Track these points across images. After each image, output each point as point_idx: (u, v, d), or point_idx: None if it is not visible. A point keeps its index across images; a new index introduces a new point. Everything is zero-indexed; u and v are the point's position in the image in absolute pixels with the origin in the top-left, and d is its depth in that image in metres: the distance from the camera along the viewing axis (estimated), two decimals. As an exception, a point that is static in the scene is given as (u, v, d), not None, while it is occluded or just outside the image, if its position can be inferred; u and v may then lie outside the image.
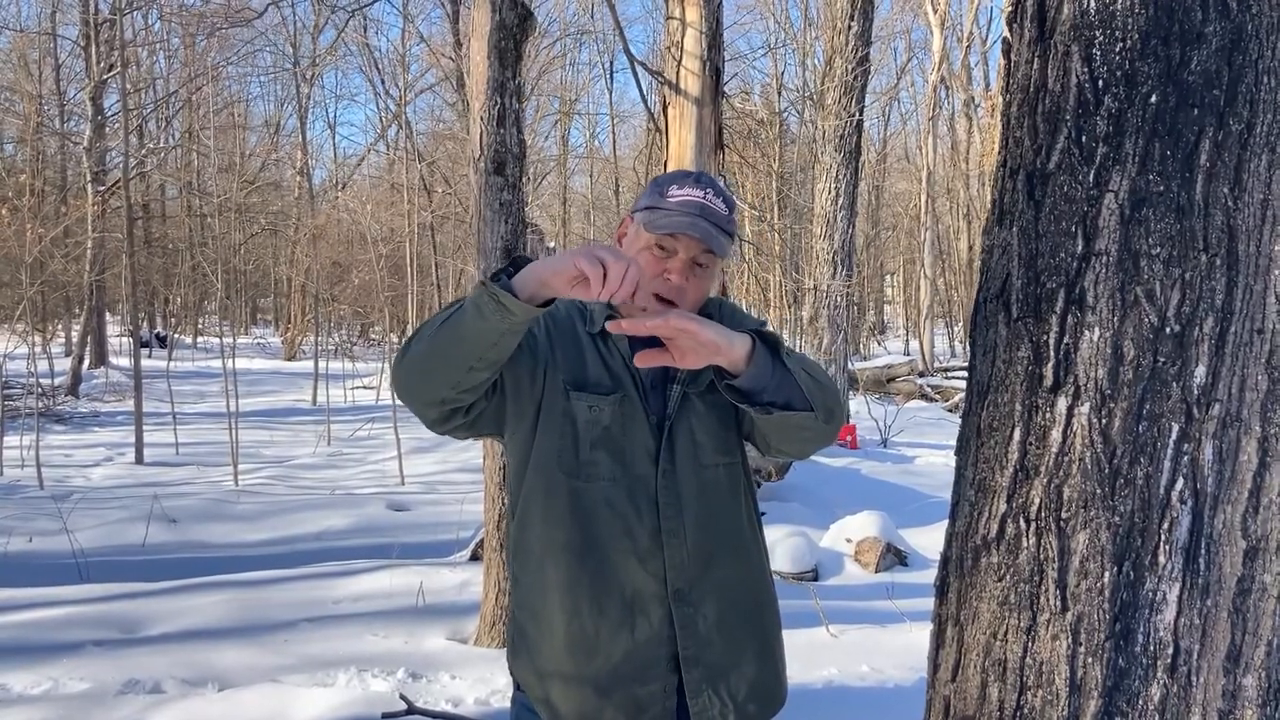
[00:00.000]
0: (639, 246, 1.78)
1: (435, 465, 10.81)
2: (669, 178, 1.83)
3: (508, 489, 1.89)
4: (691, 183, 1.81)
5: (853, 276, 12.66)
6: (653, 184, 1.86)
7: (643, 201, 1.82)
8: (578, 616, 1.76)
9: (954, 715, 1.45)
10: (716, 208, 1.79)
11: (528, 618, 1.83)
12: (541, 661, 1.80)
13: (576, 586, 1.76)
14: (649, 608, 1.77)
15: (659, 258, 1.76)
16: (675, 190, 1.79)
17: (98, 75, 17.53)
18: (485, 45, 4.85)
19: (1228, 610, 1.27)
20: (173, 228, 30.75)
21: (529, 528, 1.80)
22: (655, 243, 1.76)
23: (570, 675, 1.78)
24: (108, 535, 7.44)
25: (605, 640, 1.76)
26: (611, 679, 1.76)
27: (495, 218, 4.92)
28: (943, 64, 24.65)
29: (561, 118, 35.32)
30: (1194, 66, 1.26)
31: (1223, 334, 1.26)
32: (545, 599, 1.79)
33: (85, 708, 4.04)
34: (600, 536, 1.76)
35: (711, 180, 1.86)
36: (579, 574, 1.76)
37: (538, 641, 1.80)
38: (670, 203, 1.77)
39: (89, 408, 15.31)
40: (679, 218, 1.74)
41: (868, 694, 4.29)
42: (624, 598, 1.77)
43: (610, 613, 1.76)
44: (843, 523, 6.76)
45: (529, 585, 1.81)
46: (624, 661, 1.76)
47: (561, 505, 1.77)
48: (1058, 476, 1.33)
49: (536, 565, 1.80)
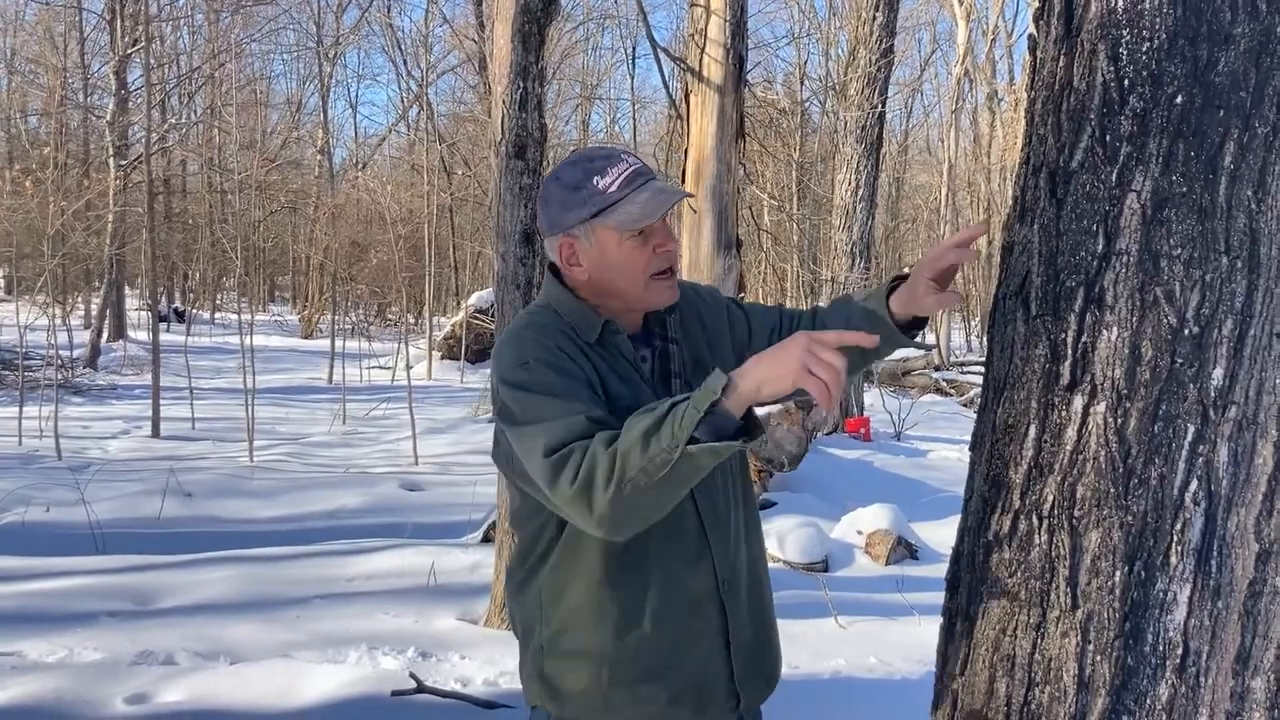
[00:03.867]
0: (617, 253, 1.72)
1: (449, 446, 10.85)
2: (576, 175, 1.73)
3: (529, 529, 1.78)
4: (606, 163, 1.73)
5: (871, 269, 12.62)
6: (564, 189, 1.74)
7: (576, 213, 1.71)
8: (645, 637, 1.72)
9: (962, 709, 1.45)
10: (641, 163, 1.75)
11: (577, 651, 1.74)
12: (602, 691, 1.73)
13: (638, 609, 1.72)
14: (705, 607, 1.78)
15: (639, 244, 1.71)
16: (603, 179, 1.70)
17: (122, 50, 17.57)
18: (509, 29, 4.85)
19: (1238, 612, 1.27)
20: (193, 203, 30.87)
21: (577, 560, 1.72)
22: (631, 235, 1.71)
23: (644, 696, 1.73)
24: (124, 507, 7.50)
25: (677, 653, 1.75)
26: (685, 688, 1.75)
27: (515, 201, 4.93)
28: (967, 57, 24.48)
29: (582, 103, 35.27)
30: (1221, 68, 1.26)
31: (1241, 337, 1.26)
32: (600, 629, 1.72)
33: (98, 677, 4.09)
34: (652, 550, 1.72)
35: (606, 149, 1.79)
36: (639, 594, 1.72)
37: (595, 672, 1.73)
38: (616, 191, 1.69)
39: (107, 380, 15.40)
40: (643, 203, 1.69)
41: (875, 686, 4.30)
42: (685, 605, 1.75)
43: (675, 623, 1.74)
44: (854, 515, 6.76)
45: (579, 619, 1.74)
46: (695, 670, 1.76)
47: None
48: (1072, 475, 1.33)
49: (589, 598, 1.72)
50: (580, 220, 1.72)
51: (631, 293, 1.75)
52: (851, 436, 11.16)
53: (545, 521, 1.74)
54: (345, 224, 22.69)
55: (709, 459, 1.43)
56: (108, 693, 3.95)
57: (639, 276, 1.74)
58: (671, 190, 1.74)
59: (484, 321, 16.37)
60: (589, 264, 1.74)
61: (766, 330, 1.99)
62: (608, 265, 1.73)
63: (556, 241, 1.77)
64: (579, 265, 1.76)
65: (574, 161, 1.77)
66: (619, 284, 1.75)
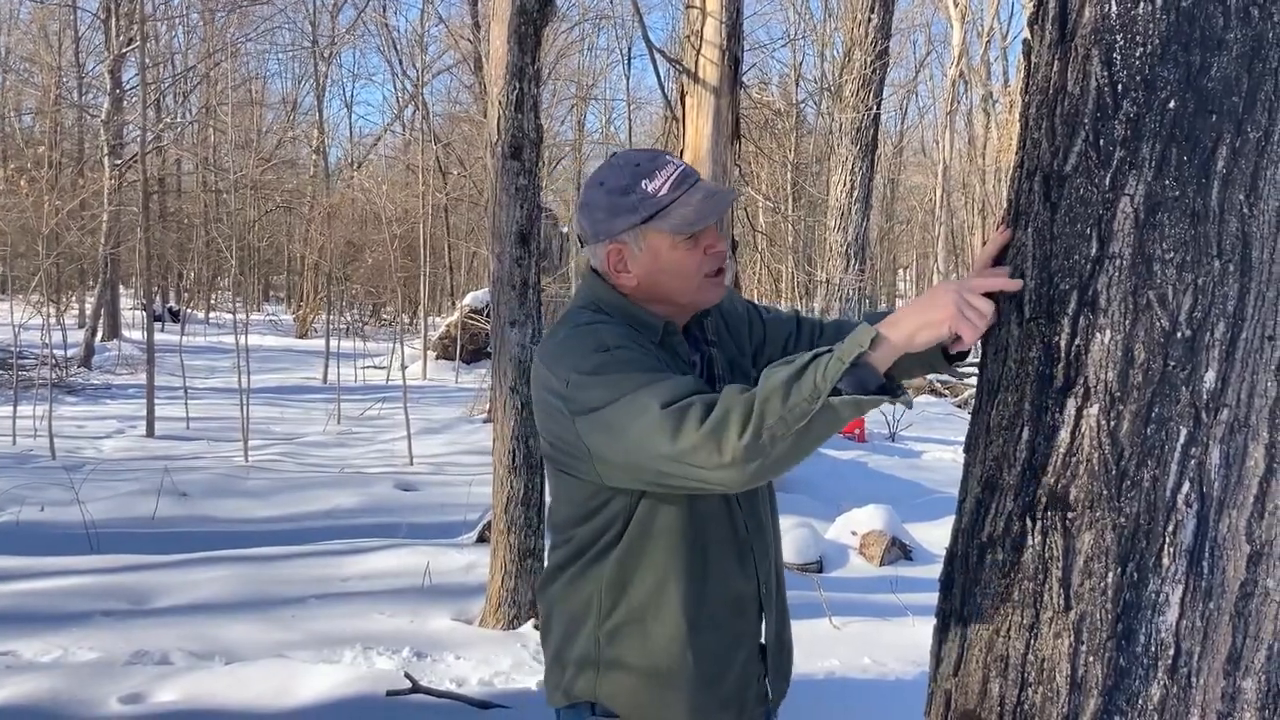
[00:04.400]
0: (669, 257, 1.70)
1: (444, 446, 10.85)
2: (623, 179, 1.72)
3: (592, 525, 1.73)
4: (653, 165, 1.72)
5: (866, 270, 12.64)
6: (610, 195, 1.72)
7: (626, 219, 1.70)
8: (701, 637, 1.71)
9: (955, 709, 1.46)
10: (685, 163, 1.75)
11: (638, 646, 1.71)
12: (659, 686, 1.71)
13: (697, 608, 1.71)
14: (748, 610, 1.79)
15: (691, 246, 1.70)
16: (652, 183, 1.69)
17: (117, 49, 17.55)
18: (505, 30, 4.86)
19: (1229, 614, 1.28)
20: (188, 203, 30.84)
21: (643, 556, 1.70)
22: (683, 239, 1.69)
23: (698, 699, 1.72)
24: (119, 507, 7.50)
25: (727, 654, 1.75)
26: (732, 691, 1.76)
27: (511, 202, 4.94)
28: (962, 59, 24.54)
29: (578, 103, 35.27)
30: (1214, 73, 1.27)
31: (1233, 340, 1.27)
32: (662, 626, 1.70)
33: (93, 677, 4.09)
34: (711, 551, 1.72)
35: (649, 151, 1.79)
36: (699, 593, 1.71)
37: (654, 667, 1.71)
38: (667, 194, 1.68)
39: (101, 380, 15.38)
40: (696, 206, 1.68)
41: (869, 686, 4.31)
42: (734, 607, 1.76)
43: (726, 625, 1.75)
44: (848, 515, 6.78)
45: (641, 615, 1.71)
46: (739, 674, 1.77)
47: (681, 518, 1.69)
48: (1065, 476, 1.34)
49: (653, 595, 1.70)
50: (630, 226, 1.69)
51: (684, 295, 1.74)
52: (846, 437, 11.17)
53: (613, 518, 1.70)
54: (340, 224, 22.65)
55: (850, 412, 1.41)
56: (103, 692, 3.94)
57: (692, 278, 1.73)
58: (724, 192, 1.75)
59: (479, 321, 16.35)
60: (639, 269, 1.72)
61: (782, 337, 1.97)
62: (660, 270, 1.71)
63: (603, 249, 1.74)
64: (627, 271, 1.73)
65: (618, 165, 1.74)
66: (672, 287, 1.73)
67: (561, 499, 1.79)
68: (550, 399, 1.67)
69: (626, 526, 1.70)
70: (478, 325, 16.66)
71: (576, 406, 1.61)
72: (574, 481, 1.72)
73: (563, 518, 1.79)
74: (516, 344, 4.99)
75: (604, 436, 1.58)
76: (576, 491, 1.73)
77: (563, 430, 1.66)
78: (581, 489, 1.71)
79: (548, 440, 1.75)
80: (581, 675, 1.75)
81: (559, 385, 1.64)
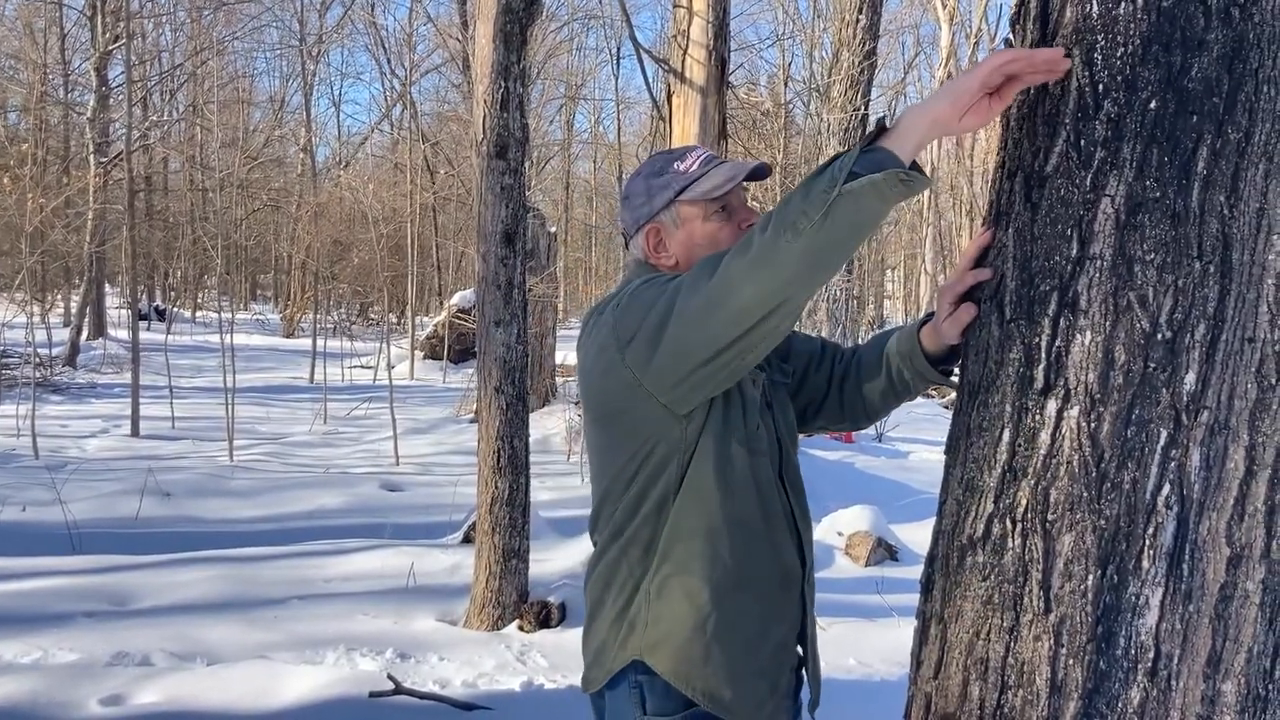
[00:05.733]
0: (702, 229, 1.78)
1: (430, 447, 10.82)
2: (657, 165, 1.83)
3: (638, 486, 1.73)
4: (685, 151, 1.84)
5: (853, 270, 12.65)
6: (645, 180, 1.83)
7: (662, 196, 1.80)
8: (746, 596, 1.72)
9: (935, 712, 1.45)
10: (716, 153, 1.86)
11: (687, 597, 1.71)
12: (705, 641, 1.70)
13: (745, 567, 1.72)
14: (792, 587, 1.80)
15: (723, 220, 1.78)
16: (683, 163, 1.80)
17: (103, 46, 17.46)
18: (491, 29, 4.84)
19: (1209, 616, 1.28)
20: (174, 201, 30.71)
21: (697, 508, 1.70)
22: (714, 211, 1.77)
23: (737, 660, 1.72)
24: (101, 507, 7.45)
25: (767, 622, 1.76)
26: (769, 660, 1.77)
27: (497, 201, 4.92)
28: (950, 60, 24.59)
29: (567, 102, 35.24)
30: (1194, 73, 1.26)
31: (1214, 341, 1.26)
32: (711, 577, 1.70)
33: (74, 678, 4.06)
34: (758, 515, 1.73)
35: (683, 146, 1.94)
36: (748, 552, 1.72)
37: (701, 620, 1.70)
38: (696, 170, 1.79)
39: (86, 379, 15.29)
40: (721, 175, 1.77)
41: (853, 687, 4.31)
42: (780, 576, 1.78)
43: (771, 592, 1.76)
44: (835, 516, 6.78)
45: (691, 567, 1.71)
46: (776, 649, 1.78)
47: (735, 476, 1.70)
48: (1045, 479, 1.33)
49: (705, 546, 1.70)
50: (666, 203, 1.79)
51: None
52: (833, 438, 11.18)
53: (662, 466, 1.70)
54: (328, 223, 22.60)
55: (872, 197, 1.38)
56: (83, 694, 3.92)
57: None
58: (741, 169, 1.80)
59: (466, 321, 16.31)
60: (676, 246, 1.80)
61: (805, 356, 1.99)
62: (695, 244, 1.78)
63: (643, 235, 1.82)
64: (666, 251, 1.80)
65: (653, 158, 1.85)
66: None
67: (611, 470, 1.77)
68: (599, 341, 1.69)
69: (683, 476, 1.70)
70: (465, 325, 16.62)
71: (626, 327, 1.63)
72: (625, 433, 1.72)
73: (611, 486, 1.78)
74: (501, 344, 4.97)
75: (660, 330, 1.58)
76: (627, 444, 1.72)
77: (610, 362, 1.67)
78: (633, 436, 1.71)
79: (597, 401, 1.75)
80: (633, 633, 1.74)
81: (609, 322, 1.68)
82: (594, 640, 1.83)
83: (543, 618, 4.93)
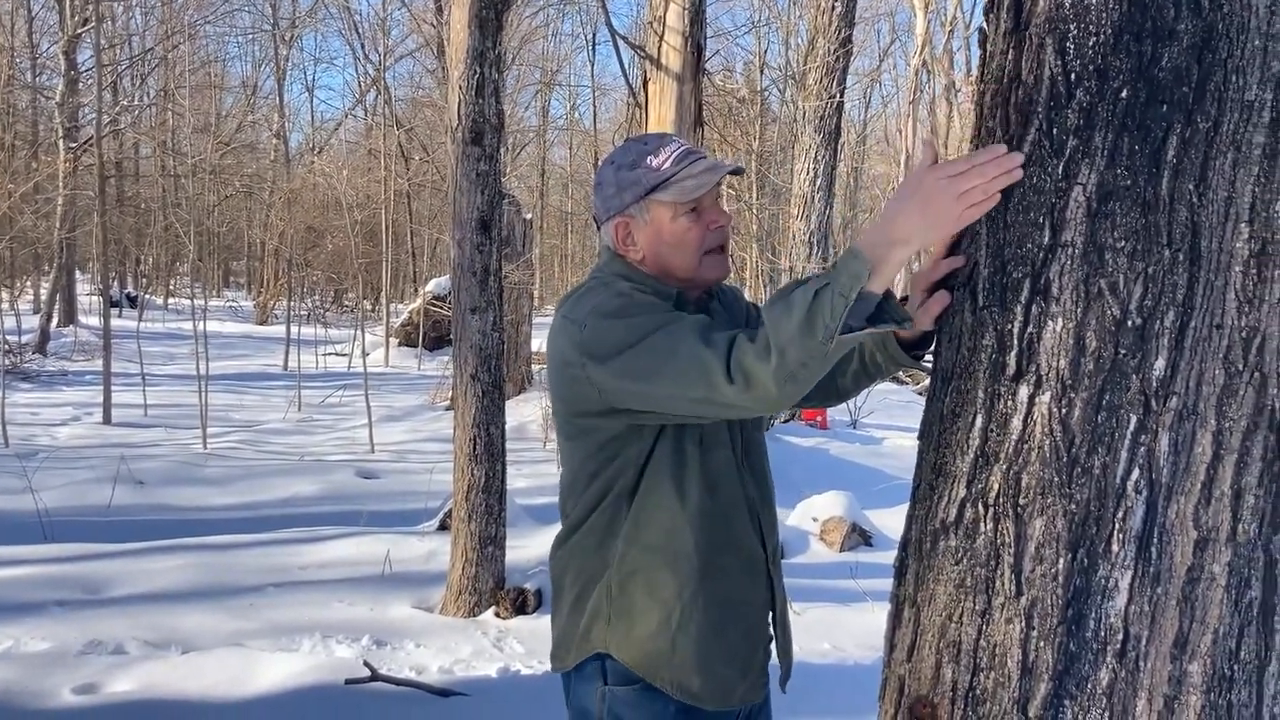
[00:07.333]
0: (671, 228, 1.77)
1: (405, 434, 10.79)
2: (630, 156, 1.81)
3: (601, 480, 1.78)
4: (659, 143, 1.81)
5: (829, 258, 12.68)
6: (618, 171, 1.81)
7: (632, 191, 1.78)
8: (713, 586, 1.76)
9: (908, 695, 1.47)
10: (692, 146, 1.83)
11: (652, 591, 1.75)
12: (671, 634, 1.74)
13: (710, 557, 1.76)
14: (758, 572, 1.84)
15: (693, 221, 1.77)
16: (656, 158, 1.78)
17: (71, 29, 17.24)
18: (466, 14, 4.82)
19: (1177, 599, 1.29)
20: (146, 187, 30.39)
21: (657, 503, 1.75)
22: (684, 211, 1.76)
23: (707, 649, 1.75)
24: (73, 495, 7.40)
25: (737, 609, 1.80)
26: (738, 648, 1.81)
27: (472, 188, 4.91)
28: (925, 48, 24.63)
29: (542, 88, 35.11)
30: (1165, 63, 1.27)
31: (1183, 328, 1.28)
32: (676, 571, 1.74)
33: (46, 667, 4.04)
34: (719, 504, 1.76)
35: (660, 134, 1.88)
36: (712, 543, 1.76)
37: (667, 614, 1.74)
38: (670, 167, 1.76)
39: (57, 366, 15.15)
40: (696, 176, 1.75)
41: (828, 671, 4.34)
42: (746, 563, 1.82)
43: (738, 579, 1.80)
44: (809, 502, 6.81)
45: (655, 560, 1.75)
46: (747, 633, 1.83)
47: (695, 469, 1.75)
48: (1017, 463, 1.35)
49: (668, 540, 1.75)
50: (636, 198, 1.77)
51: (687, 270, 1.79)
52: (808, 424, 11.23)
53: (624, 466, 1.75)
54: (301, 209, 22.45)
55: (861, 338, 1.50)
56: (55, 683, 3.90)
57: (694, 252, 1.78)
58: (721, 164, 1.80)
59: (441, 308, 16.26)
60: (644, 242, 1.79)
61: None
62: (663, 242, 1.78)
63: (612, 224, 1.81)
64: (634, 245, 1.80)
65: (627, 146, 1.83)
66: (675, 261, 1.79)
67: (574, 464, 1.83)
68: (565, 348, 1.72)
69: (640, 477, 1.75)
70: (440, 312, 16.57)
71: (596, 350, 1.66)
72: (587, 438, 1.78)
73: (574, 479, 1.83)
74: (477, 331, 4.97)
75: (628, 380, 1.63)
76: (588, 447, 1.78)
77: (574, 377, 1.70)
78: (594, 441, 1.76)
79: (560, 400, 1.80)
80: (595, 625, 1.78)
81: (575, 330, 1.70)
82: (556, 624, 1.89)
83: (519, 604, 4.94)
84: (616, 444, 1.75)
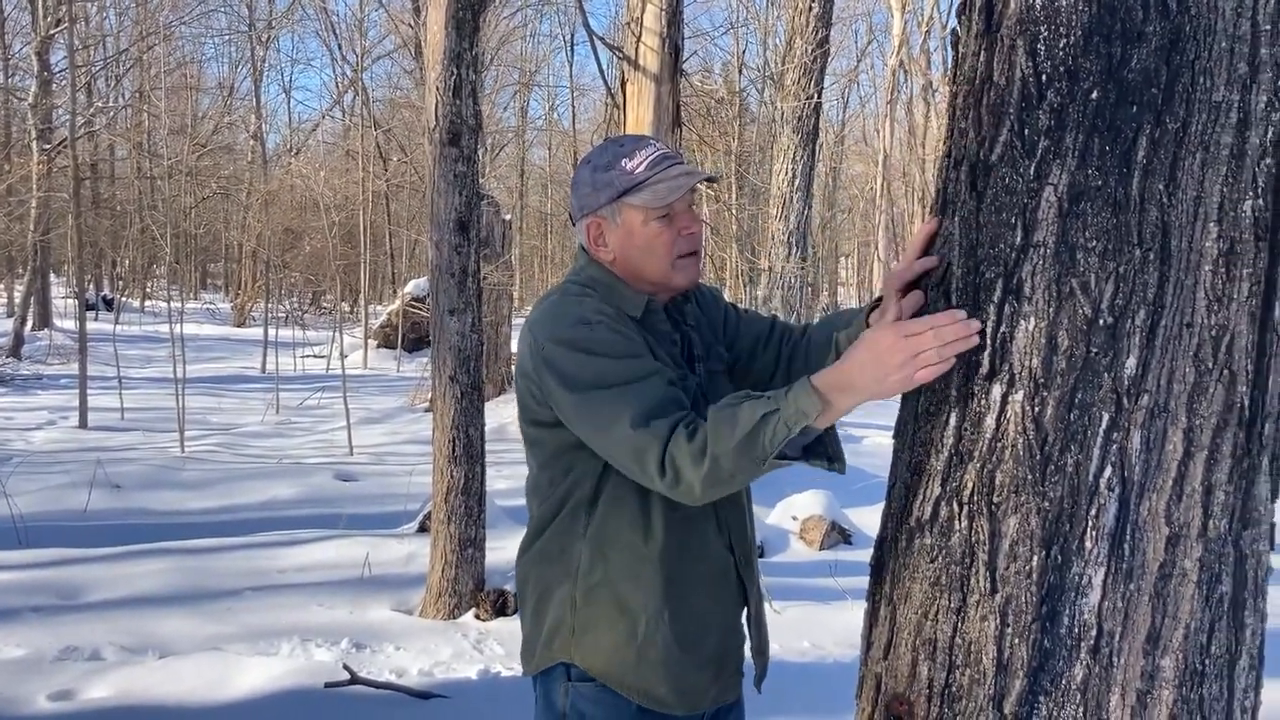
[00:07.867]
0: (642, 232, 1.77)
1: (384, 436, 10.75)
2: (605, 157, 1.81)
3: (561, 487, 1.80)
4: (635, 146, 1.81)
5: (808, 258, 12.71)
6: (595, 171, 1.81)
7: (605, 193, 1.78)
8: (682, 596, 1.77)
9: (885, 692, 1.48)
10: (668, 147, 1.83)
11: (617, 604, 1.76)
12: (636, 646, 1.75)
13: (676, 569, 1.77)
14: (729, 577, 1.85)
15: (664, 225, 1.77)
16: (631, 161, 1.77)
17: (44, 30, 17.09)
18: (443, 15, 4.81)
19: (1149, 594, 1.31)
20: (121, 189, 30.11)
21: (621, 516, 1.76)
22: (656, 216, 1.76)
23: (675, 657, 1.76)
24: (49, 500, 7.33)
25: (707, 617, 1.81)
26: (711, 654, 1.81)
27: (450, 189, 4.90)
28: (902, 48, 24.76)
29: (521, 89, 35.06)
30: (1134, 65, 1.29)
31: (1153, 327, 1.29)
32: (640, 584, 1.75)
33: (21, 674, 4.00)
34: (689, 514, 1.76)
35: (636, 136, 1.88)
36: (678, 554, 1.77)
37: (632, 627, 1.75)
38: (643, 172, 1.76)
39: (31, 370, 15.02)
40: (669, 180, 1.75)
41: (807, 669, 4.36)
42: (715, 571, 1.82)
43: (707, 587, 1.81)
44: (789, 500, 6.83)
45: (620, 574, 1.76)
46: (720, 637, 1.83)
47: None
48: (991, 462, 1.36)
49: (632, 554, 1.75)
50: (608, 200, 1.78)
51: (658, 274, 1.80)
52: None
53: (584, 473, 1.76)
54: (279, 210, 22.33)
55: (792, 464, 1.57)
56: (30, 690, 3.86)
57: (665, 257, 1.79)
58: (696, 170, 1.80)
59: (420, 310, 16.20)
60: (615, 245, 1.80)
61: (752, 337, 2.02)
62: (634, 246, 1.79)
63: (585, 224, 1.82)
64: (606, 246, 1.81)
65: (604, 146, 1.84)
66: (646, 265, 1.80)
67: (534, 469, 1.86)
68: (525, 358, 1.76)
69: (598, 488, 1.76)
70: (419, 313, 16.51)
71: (548, 375, 1.70)
72: (543, 447, 1.80)
73: (537, 483, 1.85)
74: (456, 332, 4.96)
75: (572, 417, 1.69)
76: (543, 455, 1.81)
77: (529, 389, 1.76)
78: (548, 450, 1.79)
79: (523, 405, 1.81)
80: (557, 636, 1.79)
81: (542, 338, 1.73)
82: (523, 628, 1.91)
83: (499, 606, 4.93)
84: (570, 456, 1.76)
